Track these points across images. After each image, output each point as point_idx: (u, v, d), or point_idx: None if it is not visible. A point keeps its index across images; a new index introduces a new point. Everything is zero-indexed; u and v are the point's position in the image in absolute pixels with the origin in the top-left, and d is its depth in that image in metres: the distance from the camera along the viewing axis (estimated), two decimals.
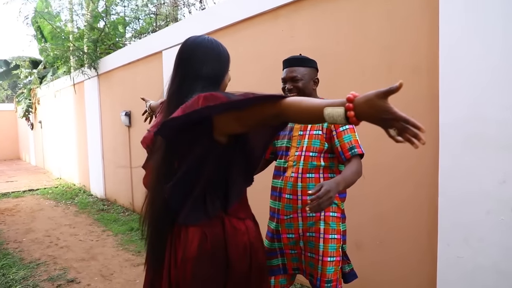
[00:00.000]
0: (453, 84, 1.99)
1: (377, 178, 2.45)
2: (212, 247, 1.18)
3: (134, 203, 5.75)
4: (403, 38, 2.26)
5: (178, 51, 1.26)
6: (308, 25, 2.79)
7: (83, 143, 7.59)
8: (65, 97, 8.45)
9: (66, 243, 4.36)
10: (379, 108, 0.89)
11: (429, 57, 2.13)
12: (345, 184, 1.50)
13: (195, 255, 1.16)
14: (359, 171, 1.60)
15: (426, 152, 2.17)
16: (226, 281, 1.21)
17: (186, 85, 1.20)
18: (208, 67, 1.20)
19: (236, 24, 3.42)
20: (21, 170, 11.47)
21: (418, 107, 2.20)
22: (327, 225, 1.65)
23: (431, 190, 2.16)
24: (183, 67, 1.22)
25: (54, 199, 7.04)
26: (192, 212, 1.19)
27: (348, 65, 2.55)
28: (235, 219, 1.24)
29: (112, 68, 6.01)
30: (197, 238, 1.18)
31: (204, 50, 1.22)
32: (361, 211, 2.53)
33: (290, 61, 1.71)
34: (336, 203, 1.69)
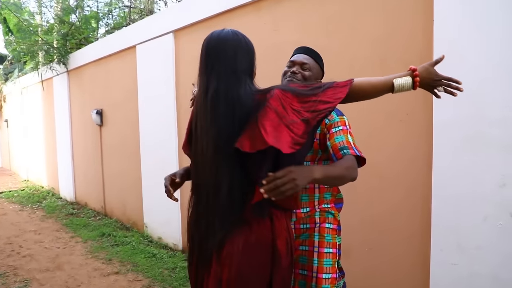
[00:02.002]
0: None
1: (367, 180, 2.31)
2: (260, 239, 1.17)
3: (106, 207, 5.44)
4: (396, 30, 2.13)
5: (205, 47, 1.24)
6: (293, 17, 2.63)
7: (52, 143, 7.17)
8: (33, 94, 7.98)
9: (30, 251, 4.03)
10: (433, 73, 1.19)
11: (423, 50, 2.01)
12: (323, 174, 1.16)
13: (240, 249, 1.16)
14: (349, 168, 1.28)
15: (419, 152, 2.05)
16: (271, 276, 1.19)
17: (226, 81, 1.18)
18: (243, 60, 1.21)
19: (215, 16, 3.22)
20: None
21: (411, 104, 2.08)
22: (322, 237, 1.48)
23: (424, 192, 2.03)
24: (217, 62, 1.20)
25: (19, 202, 6.61)
26: (262, 205, 1.17)
27: (337, 59, 2.40)
28: (279, 212, 1.24)
29: (82, 64, 5.66)
30: (245, 229, 1.18)
31: (235, 44, 1.22)
32: (351, 214, 2.38)
33: (307, 50, 1.60)
34: (332, 214, 1.52)
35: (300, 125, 1.09)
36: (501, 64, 1.70)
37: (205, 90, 1.21)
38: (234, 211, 1.18)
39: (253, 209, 1.17)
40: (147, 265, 3.50)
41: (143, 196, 4.45)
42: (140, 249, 3.92)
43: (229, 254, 1.16)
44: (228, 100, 1.16)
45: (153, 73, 4.07)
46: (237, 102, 1.15)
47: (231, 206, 1.18)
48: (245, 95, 1.16)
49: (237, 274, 1.16)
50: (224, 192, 1.17)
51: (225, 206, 1.18)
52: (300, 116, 1.10)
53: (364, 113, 2.27)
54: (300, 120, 1.09)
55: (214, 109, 1.17)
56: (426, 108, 2.00)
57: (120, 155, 4.96)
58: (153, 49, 4.04)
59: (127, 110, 4.64)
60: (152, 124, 4.17)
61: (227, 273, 1.16)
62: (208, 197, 1.21)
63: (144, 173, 4.39)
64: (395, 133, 2.15)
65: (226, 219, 1.18)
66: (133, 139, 4.54)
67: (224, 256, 1.17)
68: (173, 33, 3.73)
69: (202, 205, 1.24)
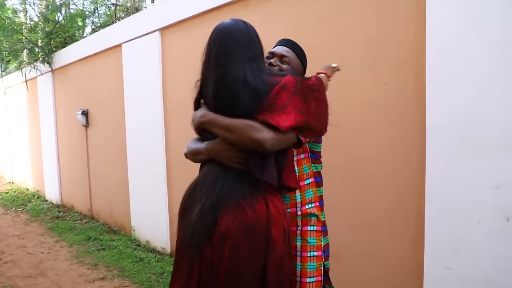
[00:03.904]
0: (442, 80, 1.82)
1: (357, 183, 2.25)
2: (253, 225, 1.16)
3: (93, 210, 5.31)
4: (388, 29, 2.07)
5: (213, 37, 1.27)
6: (282, 15, 2.56)
7: (36, 144, 6.99)
8: (17, 94, 7.77)
9: (12, 257, 3.89)
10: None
11: (416, 50, 1.96)
12: (211, 118, 1.23)
13: (234, 233, 1.15)
14: (248, 126, 1.16)
15: (412, 155, 2.00)
16: (265, 263, 1.17)
17: (236, 68, 1.19)
18: (251, 47, 1.23)
19: (202, 14, 3.14)
20: None
21: (403, 105, 2.02)
22: (305, 241, 1.42)
23: (417, 196, 1.98)
24: (224, 51, 1.22)
25: (3, 206, 6.43)
26: (267, 173, 1.19)
27: (327, 59, 2.34)
28: (276, 199, 1.23)
29: (67, 63, 5.51)
30: (238, 214, 1.16)
31: (242, 30, 1.25)
32: (340, 219, 2.33)
33: (289, 42, 1.53)
34: (315, 215, 1.45)
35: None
36: (497, 65, 1.66)
37: (209, 75, 1.24)
38: (227, 191, 1.20)
39: (246, 190, 1.19)
40: (134, 270, 3.40)
41: (130, 198, 4.34)
42: (127, 253, 3.81)
43: (221, 238, 1.16)
44: (248, 85, 1.18)
45: (139, 72, 3.96)
46: (255, 86, 1.18)
47: (225, 187, 1.20)
48: (261, 80, 1.19)
49: (229, 258, 1.15)
50: (220, 174, 1.22)
51: (219, 187, 1.20)
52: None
53: (354, 111, 2.21)
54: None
55: (238, 95, 1.19)
56: (419, 109, 1.95)
57: (107, 156, 4.84)
58: (139, 48, 3.94)
59: (113, 110, 4.52)
60: (139, 125, 4.06)
61: (218, 257, 1.16)
62: (205, 179, 1.25)
63: (131, 175, 4.28)
64: (387, 133, 2.10)
65: (219, 200, 1.19)
66: (119, 140, 4.43)
67: (215, 240, 1.16)
68: (159, 31, 3.63)
69: (199, 185, 1.26)
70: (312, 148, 1.49)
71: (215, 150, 1.24)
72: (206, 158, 1.27)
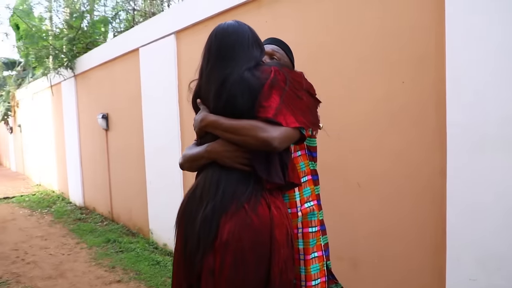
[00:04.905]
0: (463, 78, 1.71)
1: (373, 186, 2.16)
2: (256, 229, 1.12)
3: (113, 212, 5.38)
4: (404, 23, 1.97)
5: (213, 37, 1.25)
6: (295, 14, 2.49)
7: (61, 147, 7.20)
8: (43, 99, 8.03)
9: (34, 257, 3.98)
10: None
11: (434, 46, 1.85)
12: (213, 120, 1.19)
13: (237, 237, 1.11)
14: (253, 126, 1.12)
15: (431, 157, 1.88)
16: (269, 268, 1.13)
17: (236, 69, 1.18)
18: (251, 47, 1.22)
19: (216, 16, 3.11)
20: (0, 176, 10.97)
21: (422, 105, 1.92)
22: (307, 244, 1.37)
23: (437, 200, 1.87)
24: (224, 51, 1.21)
25: (29, 207, 6.63)
26: (274, 172, 1.17)
27: (342, 57, 2.26)
28: (279, 200, 1.20)
29: (88, 68, 5.64)
30: (241, 218, 1.12)
31: (242, 31, 1.24)
32: (356, 224, 2.23)
33: (276, 41, 1.50)
34: (315, 215, 1.39)
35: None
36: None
37: (209, 77, 1.22)
38: (231, 194, 1.16)
39: (250, 193, 1.15)
40: (150, 273, 3.40)
41: (148, 201, 4.36)
42: (144, 256, 3.82)
43: (224, 246, 1.11)
44: (245, 84, 1.16)
45: (156, 75, 3.99)
46: (250, 86, 1.16)
47: (228, 190, 1.16)
48: (255, 77, 1.17)
49: (232, 265, 1.11)
50: (221, 176, 1.18)
51: (222, 190, 1.16)
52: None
53: (369, 111, 2.12)
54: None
55: (237, 94, 1.16)
56: (439, 108, 1.83)
57: (126, 159, 4.90)
58: (155, 52, 3.96)
59: (132, 114, 4.57)
60: (156, 128, 4.08)
61: (220, 261, 1.12)
62: (205, 183, 1.21)
63: (148, 178, 4.30)
64: (404, 134, 1.99)
65: (223, 204, 1.14)
66: (138, 143, 4.47)
67: (218, 247, 1.12)
68: (174, 34, 3.63)
69: (199, 191, 1.22)
70: (308, 143, 1.43)
71: (218, 151, 1.19)
72: (206, 161, 1.23)
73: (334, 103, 2.28)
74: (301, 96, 1.18)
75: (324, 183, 2.39)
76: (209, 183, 1.19)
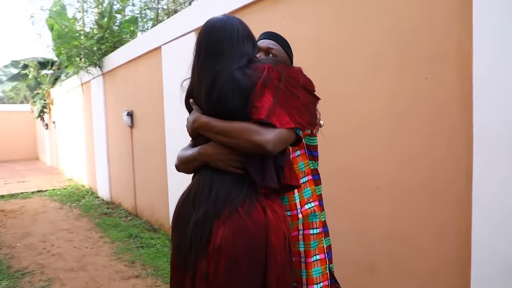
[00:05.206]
0: (493, 73, 1.57)
1: (393, 189, 2.04)
2: (251, 234, 1.07)
3: (137, 208, 5.49)
4: (428, 15, 1.85)
5: (202, 33, 1.21)
6: (312, 9, 2.41)
7: (91, 143, 7.43)
8: (75, 97, 8.33)
9: (59, 250, 4.12)
10: None
11: (462, 39, 1.72)
12: (205, 122, 1.15)
13: (230, 242, 1.07)
14: (245, 128, 1.08)
15: (456, 159, 1.76)
16: (265, 274, 1.09)
17: (226, 66, 1.13)
18: (241, 42, 1.17)
19: (233, 13, 3.07)
20: (36, 170, 11.50)
21: (446, 103, 1.79)
22: (308, 246, 1.31)
23: (462, 205, 1.74)
24: (214, 47, 1.17)
25: (60, 201, 6.89)
26: (269, 176, 1.13)
27: (362, 53, 2.16)
28: (275, 204, 1.16)
29: (115, 66, 5.78)
30: (234, 222, 1.08)
31: (232, 25, 1.19)
32: (374, 227, 2.13)
33: (273, 35, 1.43)
34: (316, 216, 1.33)
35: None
36: None
37: (210, 78, 1.16)
38: (224, 198, 1.12)
39: (244, 196, 1.11)
40: (168, 269, 3.42)
41: (169, 198, 4.40)
42: (164, 252, 3.86)
43: (217, 251, 1.08)
44: (236, 83, 1.11)
45: (177, 73, 4.00)
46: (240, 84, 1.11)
47: (221, 193, 1.13)
48: (247, 75, 1.12)
49: (226, 271, 1.07)
50: (214, 179, 1.15)
51: (215, 193, 1.13)
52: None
53: (389, 110, 2.01)
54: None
55: (228, 93, 1.12)
56: (465, 106, 1.70)
57: (149, 156, 4.97)
58: (176, 49, 3.98)
59: (154, 112, 4.63)
60: (176, 126, 4.10)
61: (214, 266, 1.09)
62: (198, 186, 1.18)
63: (169, 174, 4.34)
64: (427, 134, 1.87)
65: (216, 208, 1.11)
66: (160, 141, 4.52)
67: (211, 252, 1.09)
68: (195, 32, 3.63)
69: (192, 194, 1.20)
70: (308, 143, 1.35)
71: (210, 154, 1.16)
72: (199, 164, 1.20)
73: (351, 101, 2.19)
74: (297, 94, 1.12)
75: (341, 185, 2.30)
76: (202, 186, 1.16)
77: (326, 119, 2.33)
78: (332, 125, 2.32)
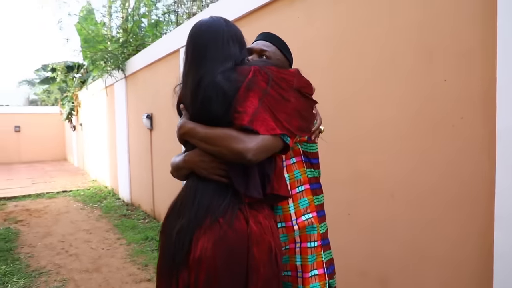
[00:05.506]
0: None
1: (409, 199, 1.91)
2: (231, 245, 1.03)
3: (155, 210, 5.51)
4: (447, 12, 1.72)
5: (189, 36, 1.19)
6: (328, 9, 2.31)
7: (113, 145, 7.57)
8: (100, 100, 8.53)
9: (77, 250, 4.17)
10: None
11: (484, 37, 1.58)
12: (189, 129, 1.12)
13: (210, 254, 1.02)
14: (227, 135, 1.03)
15: (477, 165, 1.62)
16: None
17: (210, 69, 1.09)
18: (228, 45, 1.13)
19: (248, 15, 3.02)
20: (63, 171, 11.86)
21: (467, 107, 1.65)
22: (305, 260, 1.23)
23: (483, 216, 1.60)
24: (199, 50, 1.13)
25: (83, 201, 7.04)
26: (252, 185, 1.07)
27: (377, 54, 2.05)
28: (261, 214, 1.09)
29: (136, 70, 5.85)
30: (214, 233, 1.03)
31: (218, 28, 1.15)
32: (388, 239, 2.00)
33: (267, 36, 1.35)
34: (314, 228, 1.23)
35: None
36: None
37: (194, 82, 1.12)
38: (205, 208, 1.07)
39: (226, 205, 1.06)
40: None
41: None
42: None
43: (197, 262, 1.04)
44: (218, 87, 1.07)
45: None
46: (222, 89, 1.07)
47: (204, 203, 1.08)
48: (230, 79, 1.07)
49: (206, 279, 1.03)
50: (198, 188, 1.11)
51: (197, 203, 1.09)
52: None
53: (405, 114, 1.88)
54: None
55: (211, 98, 1.07)
56: (487, 110, 1.57)
57: (167, 159, 4.97)
58: None
59: (172, 115, 4.62)
60: None
61: (194, 278, 1.05)
62: (185, 194, 1.16)
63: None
64: (446, 140, 1.74)
65: (197, 218, 1.07)
66: (178, 144, 4.50)
67: (191, 264, 1.06)
68: None
69: (179, 202, 1.17)
70: (305, 149, 1.26)
71: (194, 161, 1.12)
72: (187, 171, 1.16)
73: (366, 103, 2.07)
74: (288, 97, 1.05)
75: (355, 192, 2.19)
76: (187, 194, 1.13)
77: (340, 122, 2.23)
78: (345, 129, 2.21)
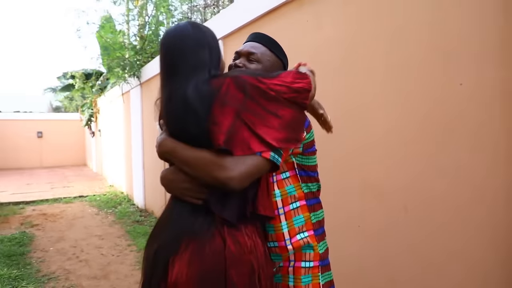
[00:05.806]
0: None
1: (423, 211, 1.79)
2: (207, 268, 0.96)
3: None
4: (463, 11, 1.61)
5: (160, 46, 1.11)
6: (337, 11, 2.23)
7: (129, 151, 7.63)
8: (117, 106, 8.65)
9: (88, 256, 4.18)
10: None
11: (504, 38, 1.47)
12: (171, 149, 1.03)
13: (185, 279, 0.96)
14: (209, 161, 0.95)
15: (496, 175, 1.49)
16: None
17: (180, 83, 1.01)
18: (201, 53, 1.04)
19: (258, 20, 2.97)
20: (82, 176, 12.07)
21: (485, 112, 1.53)
22: (298, 280, 1.13)
23: (504, 229, 1.46)
24: (170, 61, 1.05)
25: (98, 206, 7.10)
26: (229, 206, 1.00)
27: (387, 58, 1.95)
28: (240, 233, 1.02)
29: (151, 76, 5.89)
30: (190, 256, 0.97)
31: (188, 34, 1.06)
32: (398, 255, 1.88)
33: (259, 36, 1.27)
34: (311, 247, 1.13)
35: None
36: None
37: (169, 89, 1.05)
38: (180, 229, 1.01)
39: (202, 226, 1.00)
40: None
41: None
42: None
43: (172, 284, 0.99)
44: (189, 103, 0.99)
45: None
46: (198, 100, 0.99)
47: (179, 224, 1.03)
48: (201, 94, 0.99)
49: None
50: (175, 207, 1.07)
51: (173, 224, 1.04)
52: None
53: (419, 121, 1.77)
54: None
55: (182, 116, 1.00)
56: (507, 116, 1.44)
57: None
58: None
59: None
60: None
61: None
62: (163, 214, 1.12)
63: None
64: (462, 148, 1.61)
65: (173, 240, 1.01)
66: None
67: (168, 285, 1.00)
68: (222, 40, 3.57)
69: (159, 222, 1.13)
70: (301, 162, 1.16)
71: (168, 179, 1.06)
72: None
73: (375, 107, 1.97)
74: (272, 108, 0.96)
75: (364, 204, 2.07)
76: (165, 215, 1.08)
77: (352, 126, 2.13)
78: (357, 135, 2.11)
